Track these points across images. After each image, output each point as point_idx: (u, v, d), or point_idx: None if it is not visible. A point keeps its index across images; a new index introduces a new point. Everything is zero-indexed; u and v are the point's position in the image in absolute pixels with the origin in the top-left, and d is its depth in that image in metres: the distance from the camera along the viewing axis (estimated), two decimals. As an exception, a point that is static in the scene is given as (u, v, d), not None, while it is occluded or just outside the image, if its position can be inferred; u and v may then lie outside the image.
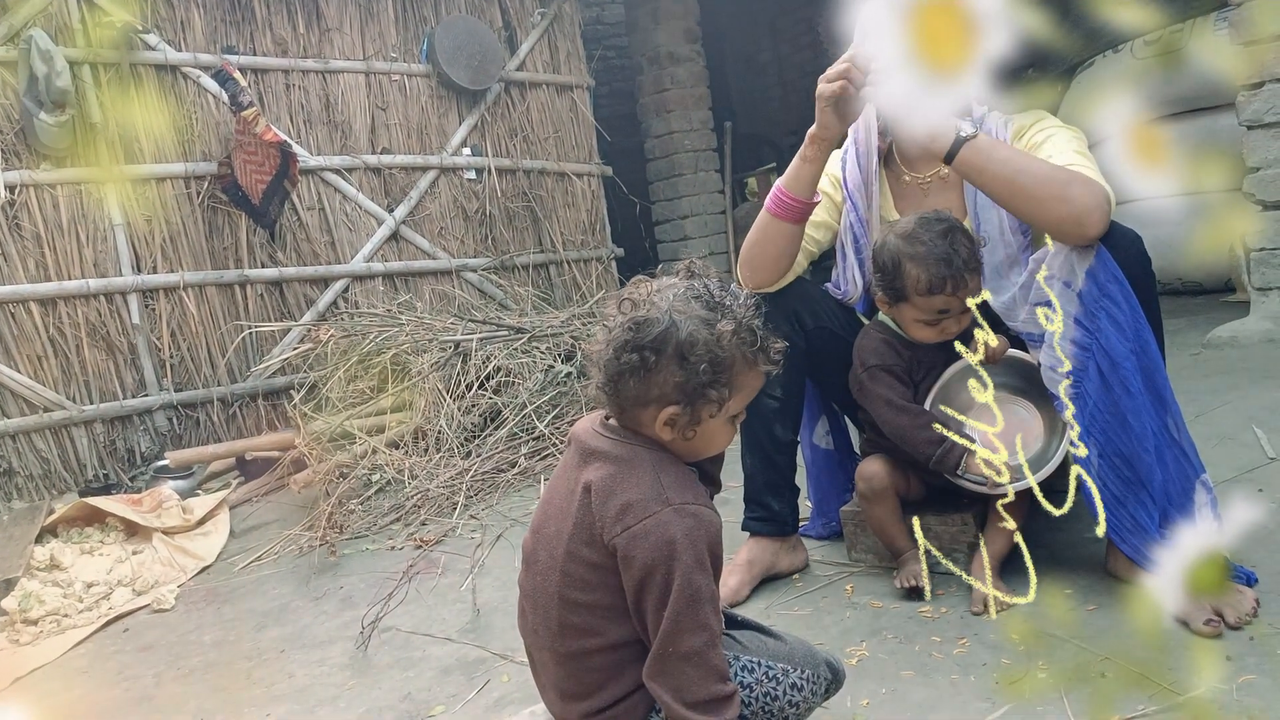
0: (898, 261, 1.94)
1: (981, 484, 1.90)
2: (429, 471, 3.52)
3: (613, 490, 1.25)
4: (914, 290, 1.93)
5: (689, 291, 1.30)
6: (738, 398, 1.31)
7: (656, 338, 1.25)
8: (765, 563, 2.20)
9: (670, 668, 1.21)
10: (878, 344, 2.07)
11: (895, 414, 2.01)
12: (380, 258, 5.07)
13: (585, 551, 1.26)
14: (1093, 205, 1.73)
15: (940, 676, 1.67)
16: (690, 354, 1.25)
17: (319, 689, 2.13)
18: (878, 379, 2.04)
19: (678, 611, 1.19)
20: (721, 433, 1.33)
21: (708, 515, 1.25)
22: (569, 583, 1.28)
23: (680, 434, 1.29)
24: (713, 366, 1.26)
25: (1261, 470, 2.33)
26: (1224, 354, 3.53)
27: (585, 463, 1.31)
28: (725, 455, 1.42)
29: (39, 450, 4.12)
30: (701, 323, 1.27)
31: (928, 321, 1.98)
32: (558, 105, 5.88)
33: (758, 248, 2.09)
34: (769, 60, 9.10)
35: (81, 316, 4.21)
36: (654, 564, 1.20)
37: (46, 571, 3.03)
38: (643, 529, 1.21)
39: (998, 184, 1.81)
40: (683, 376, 1.25)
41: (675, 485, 1.26)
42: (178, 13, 4.54)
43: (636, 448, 1.29)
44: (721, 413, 1.29)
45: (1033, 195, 1.76)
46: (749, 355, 1.29)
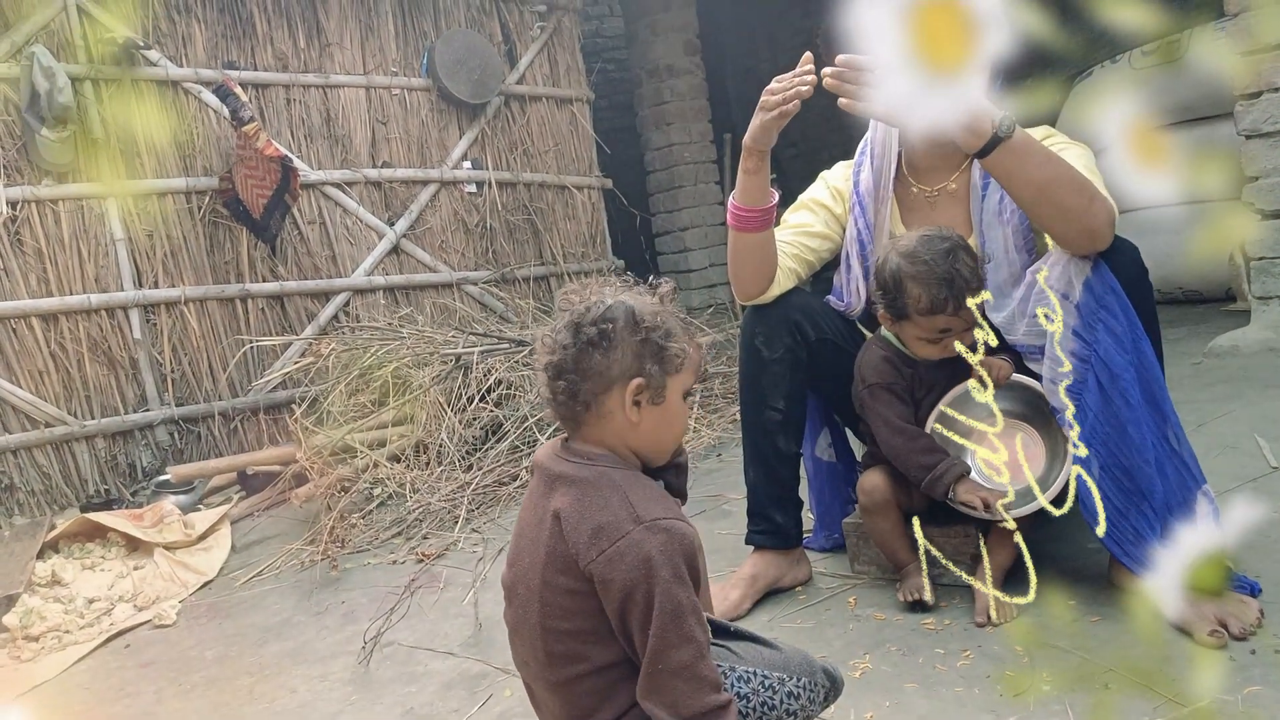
0: (899, 280, 1.92)
1: (973, 510, 1.90)
2: (430, 485, 3.51)
3: (583, 515, 1.25)
4: (915, 310, 1.92)
5: (623, 284, 1.37)
6: (688, 370, 1.34)
7: (606, 312, 1.30)
8: (770, 577, 2.20)
9: (662, 684, 1.20)
10: (879, 361, 2.06)
11: (892, 434, 2.00)
12: (381, 271, 5.08)
13: (561, 579, 1.26)
14: (1108, 220, 1.74)
15: (944, 689, 1.66)
16: (642, 319, 1.30)
17: (321, 704, 2.12)
18: (878, 397, 2.03)
19: (662, 628, 1.19)
20: (680, 412, 1.35)
21: (680, 528, 1.24)
22: (549, 612, 1.27)
23: (649, 409, 1.31)
24: (666, 330, 1.31)
25: (1264, 479, 2.32)
26: (1225, 363, 3.53)
27: (551, 489, 1.31)
28: (689, 467, 1.44)
29: (40, 466, 4.11)
30: (643, 302, 1.33)
31: (930, 340, 1.97)
32: (557, 118, 5.89)
33: (736, 264, 2.12)
34: (768, 72, 9.02)
35: (83, 331, 4.21)
36: (633, 584, 1.20)
37: (48, 587, 3.02)
38: (617, 551, 1.21)
39: (1029, 189, 1.76)
40: (638, 342, 1.29)
41: (644, 502, 1.25)
42: (179, 28, 4.56)
43: (601, 468, 1.29)
44: (677, 384, 1.33)
45: (1061, 204, 1.74)
46: (685, 325, 1.35)
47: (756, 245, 2.07)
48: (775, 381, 2.15)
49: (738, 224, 2.05)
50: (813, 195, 2.26)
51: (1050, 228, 1.81)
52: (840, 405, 2.32)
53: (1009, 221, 1.99)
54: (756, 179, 2.01)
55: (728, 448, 3.68)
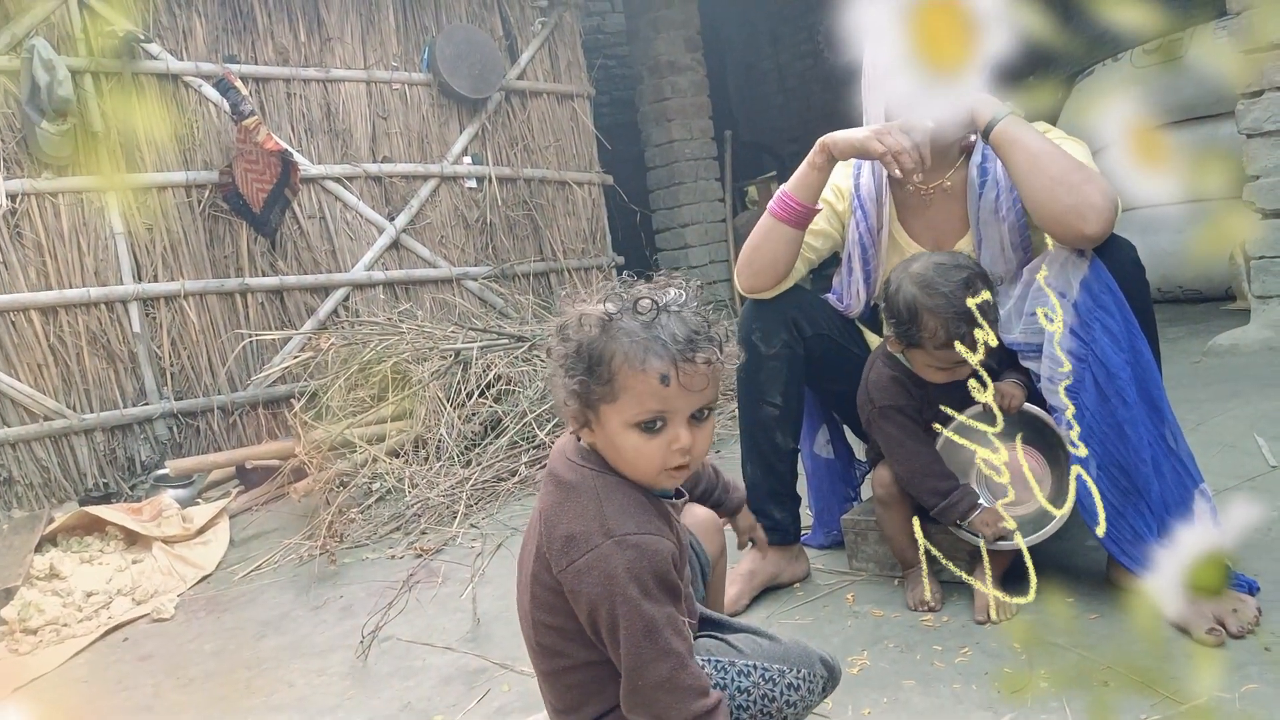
0: (915, 311, 1.87)
1: (977, 538, 1.89)
2: (429, 480, 3.51)
3: (558, 519, 1.24)
4: (929, 341, 1.87)
5: (614, 292, 1.24)
6: (625, 400, 1.19)
7: (557, 331, 1.25)
8: (767, 573, 2.20)
9: (645, 698, 1.19)
10: (888, 382, 2.02)
11: (906, 457, 1.98)
12: (381, 266, 5.08)
13: (544, 576, 1.26)
14: (1100, 205, 1.73)
15: (942, 685, 1.66)
16: (559, 337, 1.23)
17: (319, 698, 2.13)
18: (889, 418, 2.01)
19: (636, 645, 1.17)
20: (628, 443, 1.21)
21: (651, 544, 1.20)
22: (537, 604, 1.28)
23: (600, 434, 1.24)
24: (569, 350, 1.21)
25: (1263, 478, 2.32)
26: (1225, 362, 3.53)
27: (546, 485, 1.31)
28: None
29: (39, 459, 4.11)
30: (580, 311, 1.23)
31: (941, 368, 1.93)
32: (558, 114, 5.89)
33: (758, 251, 2.10)
34: (769, 69, 9.12)
35: (82, 325, 4.21)
36: (597, 601, 1.18)
37: (46, 580, 3.02)
38: (585, 564, 1.19)
39: (1025, 158, 1.81)
40: (560, 366, 1.22)
41: (618, 514, 1.22)
42: (179, 22, 4.55)
43: (585, 471, 1.26)
44: (613, 415, 1.21)
45: (1051, 176, 1.77)
46: (630, 353, 1.18)
47: (787, 239, 2.07)
48: (773, 377, 2.15)
49: (784, 214, 2.04)
50: (815, 192, 2.25)
51: (1036, 204, 1.80)
52: (838, 402, 2.31)
53: (1005, 219, 1.99)
54: (818, 176, 2.01)
55: (726, 444, 3.68)
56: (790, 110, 8.95)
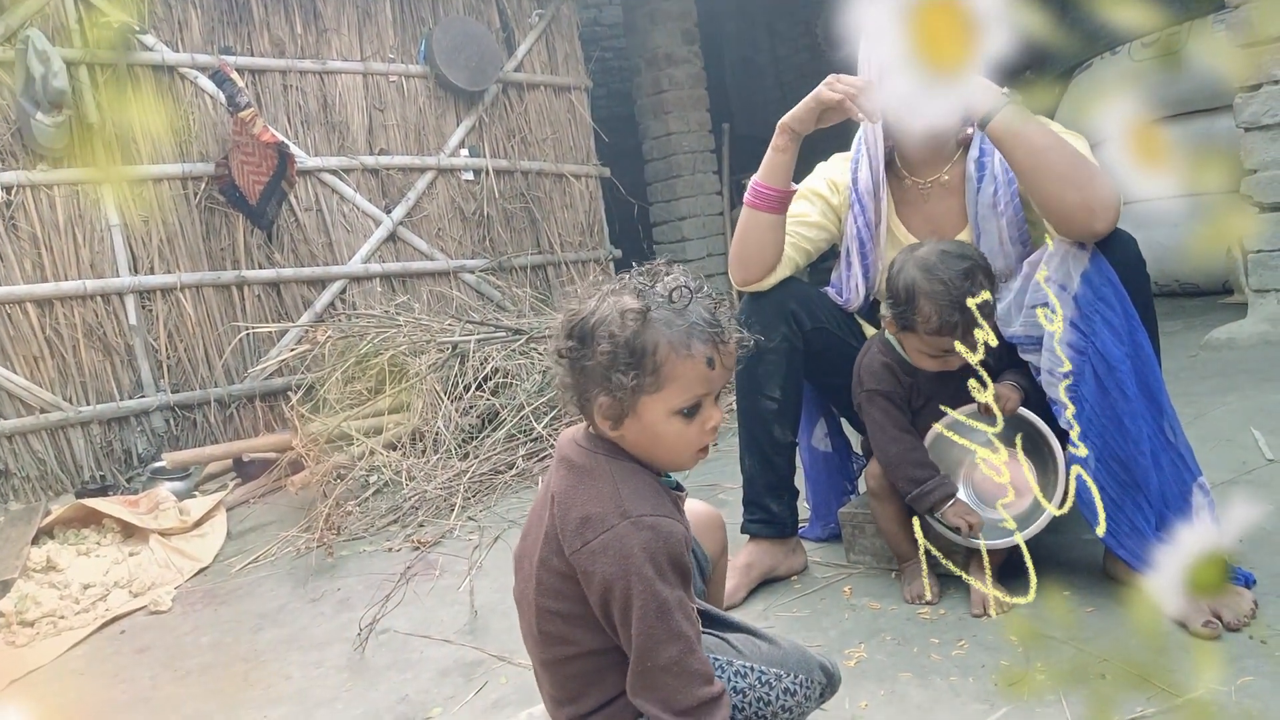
0: (913, 294, 1.88)
1: (954, 532, 1.90)
2: (426, 473, 3.51)
3: (573, 501, 1.24)
4: (923, 326, 1.89)
5: (626, 285, 1.27)
6: (671, 389, 1.22)
7: (578, 324, 1.25)
8: (765, 565, 2.20)
9: (652, 681, 1.20)
10: (879, 367, 2.03)
11: (887, 442, 1.99)
12: (378, 259, 5.07)
13: (554, 561, 1.26)
14: (1108, 201, 1.73)
15: (938, 678, 1.66)
16: (595, 334, 1.23)
17: (316, 691, 2.13)
18: (875, 403, 2.02)
19: (648, 626, 1.18)
20: (669, 430, 1.25)
21: (667, 526, 1.22)
22: (543, 591, 1.27)
23: (618, 427, 1.25)
24: (617, 347, 1.22)
25: (1259, 471, 2.33)
26: (1222, 356, 3.53)
27: (557, 470, 1.31)
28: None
29: (35, 451, 4.11)
30: (615, 307, 1.24)
31: (931, 355, 1.94)
32: (555, 106, 5.87)
33: (743, 243, 2.12)
34: (767, 62, 9.10)
35: (78, 317, 4.20)
36: (612, 580, 1.19)
37: (43, 573, 3.02)
38: (600, 544, 1.20)
39: (1028, 154, 1.78)
40: (594, 361, 1.23)
41: (634, 496, 1.23)
42: (175, 13, 4.53)
43: (599, 456, 1.27)
44: (656, 404, 1.23)
45: (1059, 174, 1.75)
46: (675, 341, 1.22)
47: (767, 226, 2.08)
48: (771, 370, 2.15)
49: (758, 202, 2.07)
50: (810, 185, 2.25)
51: (1043, 200, 1.79)
52: (836, 395, 2.31)
53: (1004, 213, 1.99)
54: (783, 158, 2.04)
55: (723, 436, 3.68)
56: (787, 104, 8.78)
